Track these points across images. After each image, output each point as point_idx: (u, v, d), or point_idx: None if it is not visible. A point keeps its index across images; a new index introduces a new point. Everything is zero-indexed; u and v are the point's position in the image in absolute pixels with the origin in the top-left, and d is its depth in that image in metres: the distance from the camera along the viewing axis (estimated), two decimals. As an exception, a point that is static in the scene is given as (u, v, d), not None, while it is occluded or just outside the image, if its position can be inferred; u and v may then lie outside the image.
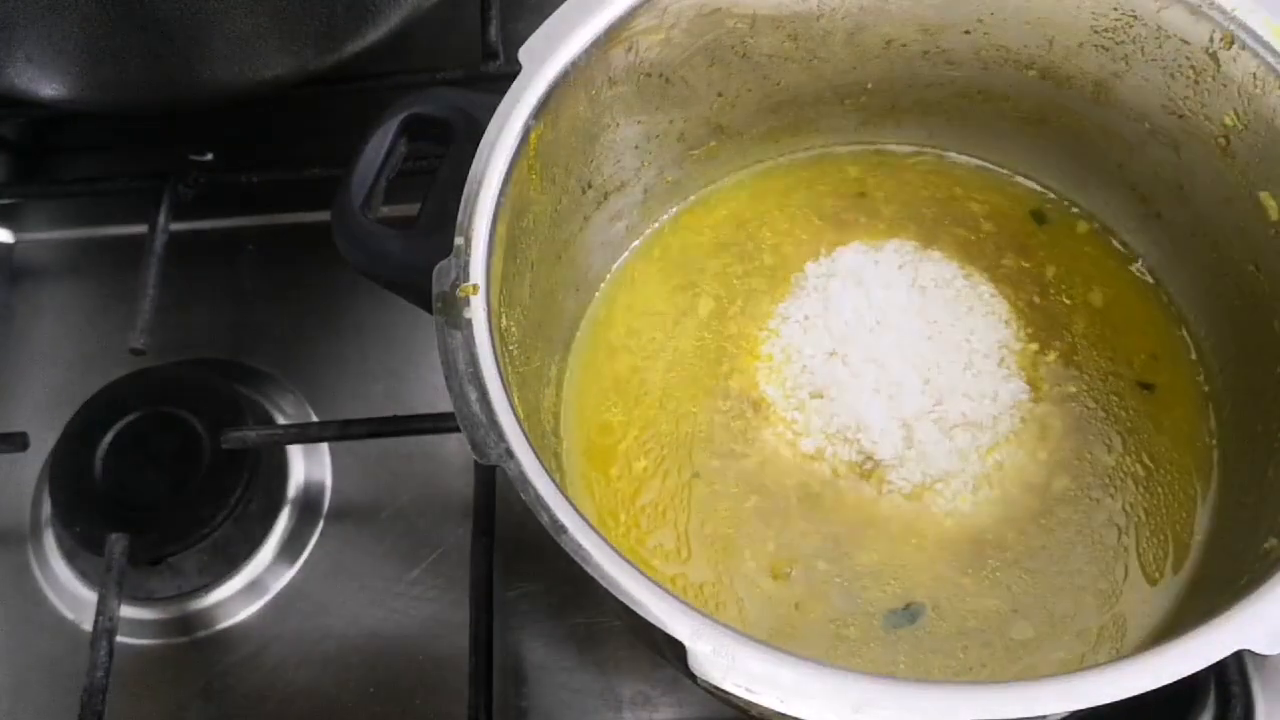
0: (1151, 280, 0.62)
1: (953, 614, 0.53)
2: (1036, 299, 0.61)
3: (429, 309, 0.47)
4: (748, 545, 0.55)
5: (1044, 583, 0.54)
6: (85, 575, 0.65)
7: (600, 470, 0.57)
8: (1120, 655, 0.51)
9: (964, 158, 0.66)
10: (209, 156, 0.76)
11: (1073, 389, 0.59)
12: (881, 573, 0.54)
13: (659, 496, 0.56)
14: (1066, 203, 0.64)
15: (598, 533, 0.42)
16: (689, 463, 0.57)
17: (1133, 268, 0.62)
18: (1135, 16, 0.55)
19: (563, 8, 0.53)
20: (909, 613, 0.53)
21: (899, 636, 0.53)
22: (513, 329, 0.51)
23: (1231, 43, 0.52)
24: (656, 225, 0.65)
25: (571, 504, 0.42)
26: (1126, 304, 0.62)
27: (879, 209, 0.65)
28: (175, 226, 0.72)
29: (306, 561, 0.65)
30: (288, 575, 0.65)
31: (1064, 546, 0.55)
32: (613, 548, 0.41)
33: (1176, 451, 0.57)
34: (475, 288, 0.47)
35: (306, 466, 0.68)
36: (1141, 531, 0.55)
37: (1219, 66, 0.53)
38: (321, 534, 0.66)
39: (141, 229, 0.71)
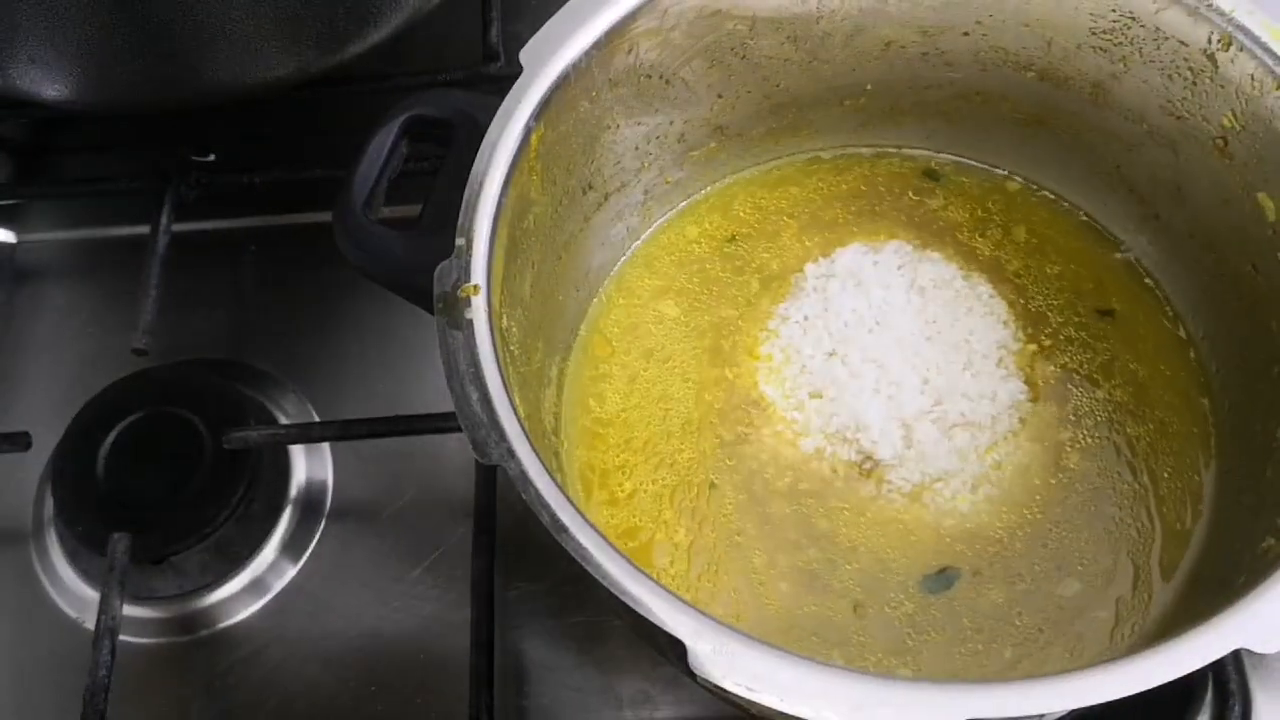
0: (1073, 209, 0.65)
1: (994, 579, 0.54)
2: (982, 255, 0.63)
3: (430, 309, 0.47)
4: (783, 573, 0.55)
5: (1077, 535, 0.55)
6: (88, 574, 0.65)
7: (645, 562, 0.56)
8: (1142, 630, 0.53)
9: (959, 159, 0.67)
10: (211, 157, 0.76)
11: (1051, 342, 0.60)
12: (908, 553, 0.55)
13: (708, 551, 0.56)
14: (953, 159, 0.67)
15: (598, 532, 0.42)
16: (705, 475, 0.58)
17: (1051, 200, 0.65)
18: (1133, 18, 0.55)
19: (563, 9, 0.53)
20: (944, 577, 0.54)
21: (957, 607, 0.54)
22: (513, 329, 0.51)
23: (1229, 44, 0.53)
24: (657, 226, 0.65)
25: (572, 503, 0.42)
26: (1054, 237, 0.64)
27: (877, 210, 0.65)
28: (177, 227, 0.72)
29: (308, 561, 0.66)
30: (289, 574, 0.65)
31: (1086, 500, 0.56)
32: (613, 547, 0.41)
33: (1160, 385, 0.59)
34: (476, 288, 0.47)
35: (308, 466, 0.68)
36: (1156, 477, 0.56)
37: (1217, 68, 0.53)
38: (323, 533, 0.66)
39: (143, 230, 0.71)
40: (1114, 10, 0.56)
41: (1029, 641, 0.53)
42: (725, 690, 0.39)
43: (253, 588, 0.65)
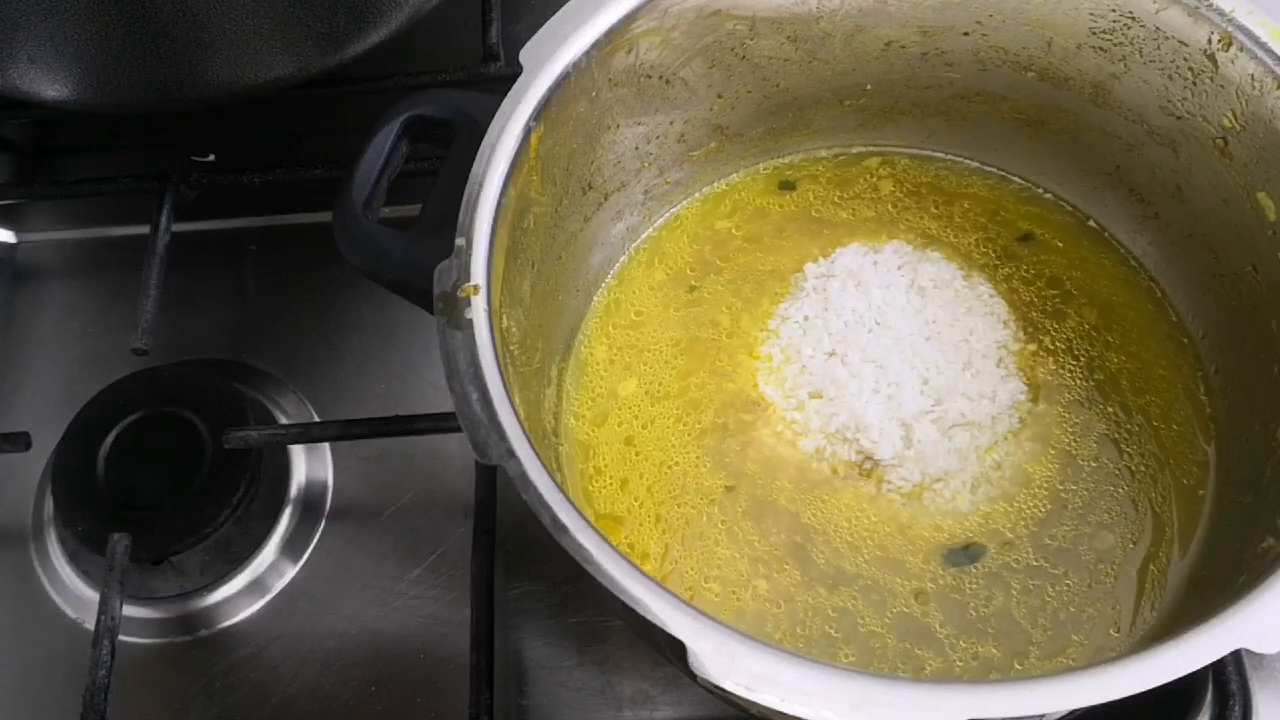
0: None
1: (1021, 546, 0.55)
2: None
3: (430, 309, 0.47)
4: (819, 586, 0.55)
5: (1098, 499, 0.56)
6: (88, 574, 0.65)
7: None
8: (1159, 612, 0.53)
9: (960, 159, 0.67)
10: (211, 157, 0.76)
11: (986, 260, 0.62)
12: (918, 542, 0.55)
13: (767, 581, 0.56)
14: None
15: (598, 532, 0.42)
16: (720, 482, 0.57)
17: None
18: (1133, 18, 0.55)
19: (563, 10, 0.53)
20: (969, 552, 0.55)
21: (996, 570, 0.54)
22: (513, 329, 0.51)
23: (1229, 44, 0.53)
24: (657, 226, 0.65)
25: (572, 504, 0.42)
26: (947, 185, 0.66)
27: (877, 210, 0.65)
28: (177, 227, 0.72)
29: (308, 561, 0.66)
30: (289, 574, 0.65)
31: (1097, 469, 0.57)
32: (613, 547, 0.41)
33: (1158, 377, 0.59)
34: (476, 288, 0.47)
35: (308, 466, 0.68)
36: (1162, 445, 0.57)
37: (1217, 68, 0.54)
38: (323, 533, 0.66)
39: (143, 229, 0.71)
40: (1114, 10, 0.56)
41: (1080, 597, 0.53)
42: (725, 690, 0.39)
43: (253, 588, 0.65)
